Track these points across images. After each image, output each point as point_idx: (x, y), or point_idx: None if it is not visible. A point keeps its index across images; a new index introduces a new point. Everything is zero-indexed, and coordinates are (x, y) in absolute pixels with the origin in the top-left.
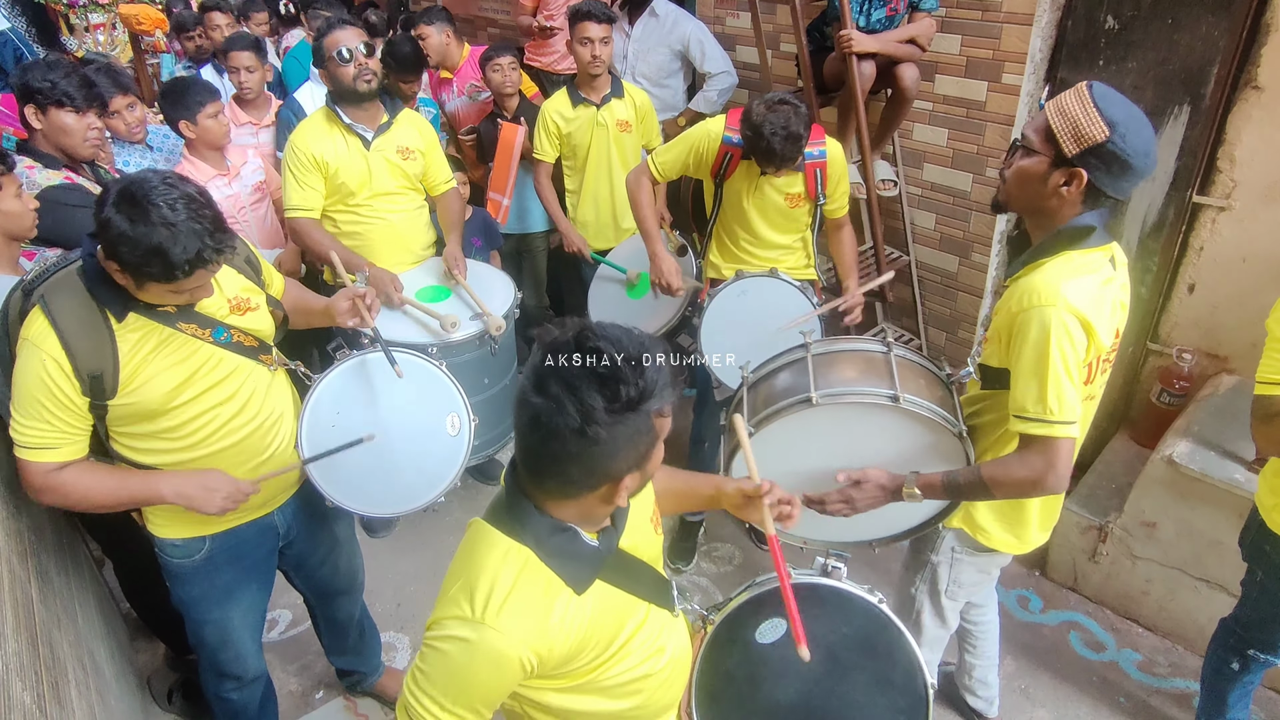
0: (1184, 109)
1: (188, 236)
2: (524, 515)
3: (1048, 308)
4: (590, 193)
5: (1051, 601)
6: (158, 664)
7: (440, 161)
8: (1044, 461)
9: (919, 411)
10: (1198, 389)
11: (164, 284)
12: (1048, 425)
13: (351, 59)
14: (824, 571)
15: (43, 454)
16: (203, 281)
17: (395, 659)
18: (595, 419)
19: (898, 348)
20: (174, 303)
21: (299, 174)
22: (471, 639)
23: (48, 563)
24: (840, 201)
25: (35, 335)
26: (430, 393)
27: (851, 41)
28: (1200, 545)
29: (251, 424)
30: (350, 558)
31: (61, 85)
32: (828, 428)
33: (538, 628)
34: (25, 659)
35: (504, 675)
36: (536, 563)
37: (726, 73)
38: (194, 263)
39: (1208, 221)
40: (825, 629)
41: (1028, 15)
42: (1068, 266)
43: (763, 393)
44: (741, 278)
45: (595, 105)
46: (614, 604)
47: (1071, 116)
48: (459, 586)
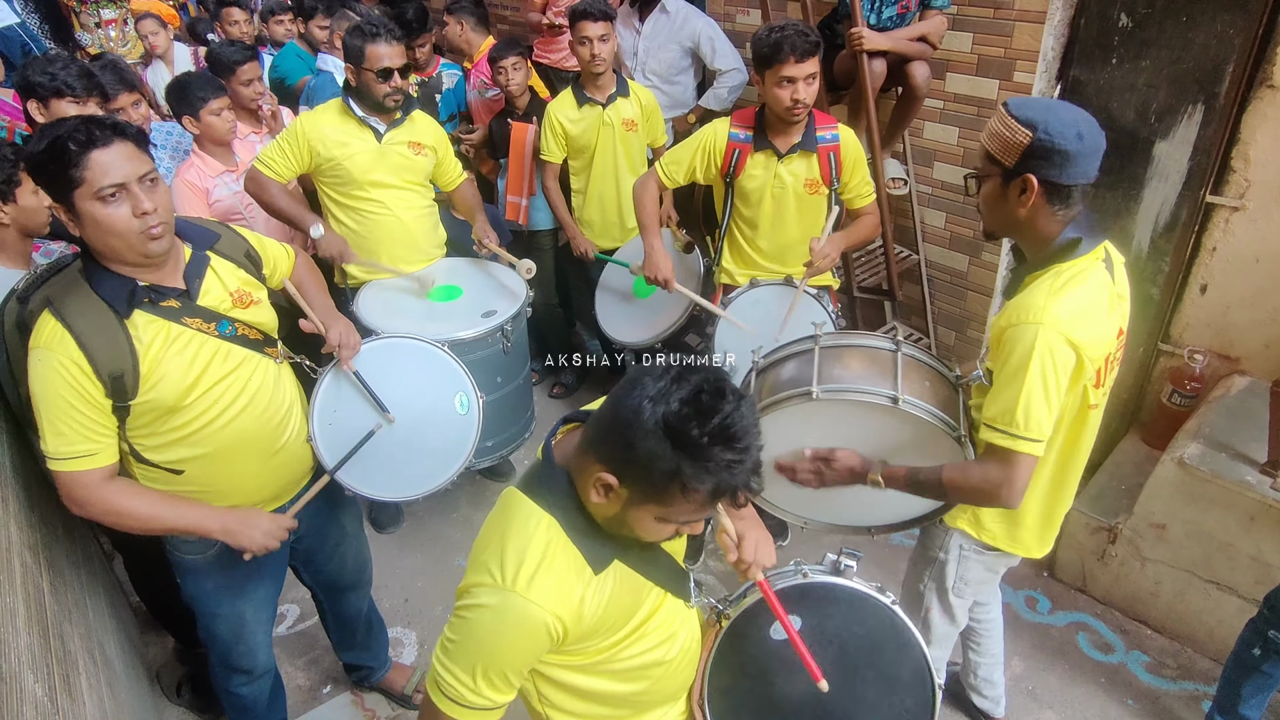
0: (1198, 108)
1: (79, 122)
2: (556, 487)
3: (1035, 325)
4: (596, 193)
5: (1060, 602)
6: (167, 657)
7: (452, 158)
8: (1002, 473)
9: (918, 414)
10: (1209, 390)
11: (75, 188)
12: (1013, 439)
13: (390, 78)
14: (835, 569)
15: (83, 462)
16: (118, 174)
17: (402, 654)
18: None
19: (906, 346)
20: (115, 225)
21: (286, 145)
22: (501, 605)
23: (59, 556)
24: (859, 190)
25: (48, 341)
26: (435, 375)
27: (862, 39)
28: (1211, 548)
29: (263, 416)
30: (359, 552)
31: (61, 76)
32: (827, 420)
33: (565, 598)
34: (37, 651)
35: (533, 642)
36: (563, 537)
37: (737, 70)
38: (86, 137)
39: (1221, 221)
40: (837, 627)
41: (1040, 13)
42: (1057, 281)
43: (769, 380)
44: (756, 285)
45: (601, 105)
46: (632, 586)
47: (997, 134)
48: (489, 553)
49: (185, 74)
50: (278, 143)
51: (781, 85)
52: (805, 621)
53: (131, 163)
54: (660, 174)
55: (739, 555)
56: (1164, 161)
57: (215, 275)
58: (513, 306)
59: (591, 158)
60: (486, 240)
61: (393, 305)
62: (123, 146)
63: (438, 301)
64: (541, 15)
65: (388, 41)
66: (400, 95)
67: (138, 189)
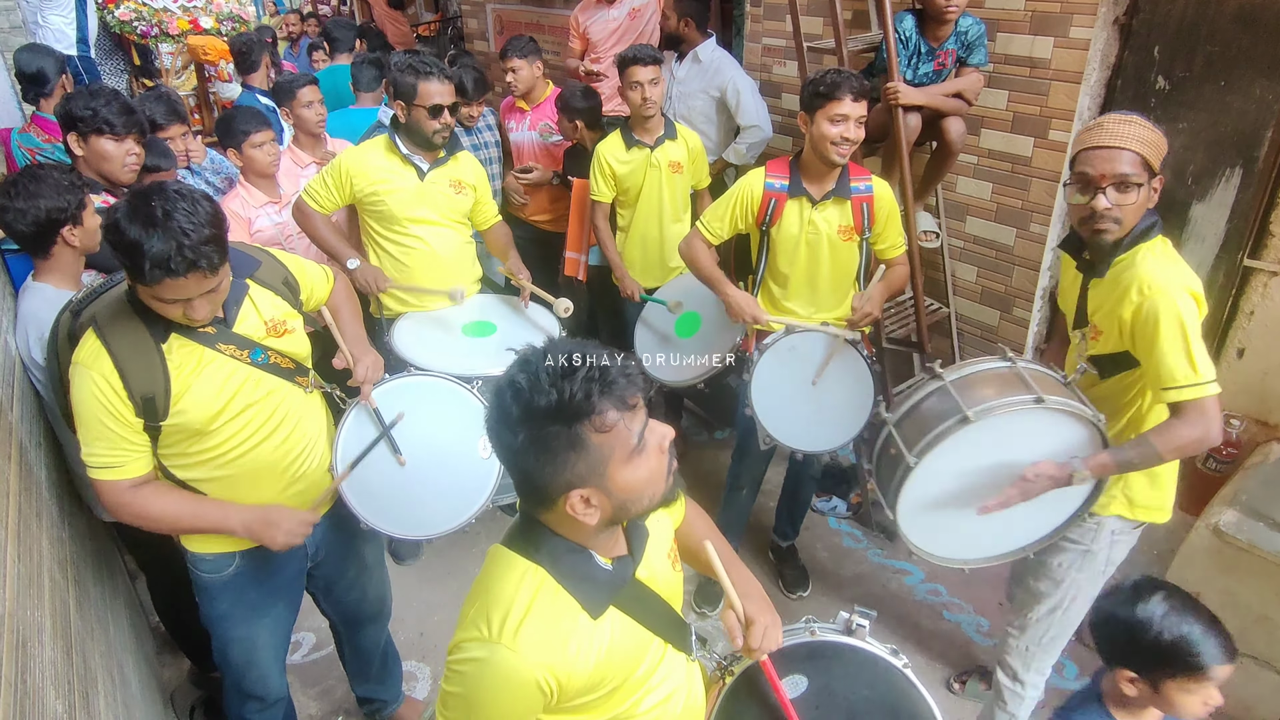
0: (1236, 171)
1: (165, 238)
2: (538, 536)
3: (1168, 291)
4: (639, 232)
5: (1087, 668)
6: (181, 680)
7: (489, 199)
8: (1202, 421)
9: (1062, 408)
10: (1246, 456)
11: (143, 286)
12: (1199, 387)
13: (440, 115)
14: (847, 629)
15: (110, 472)
16: (183, 294)
17: (415, 689)
18: (511, 427)
19: (1020, 360)
20: (171, 316)
21: (330, 178)
22: (487, 659)
23: (85, 573)
24: (892, 240)
25: (87, 358)
26: (462, 416)
27: (898, 94)
28: (1246, 620)
29: (285, 444)
30: (379, 585)
31: (102, 113)
32: (986, 439)
33: (556, 650)
34: (60, 667)
35: (524, 699)
36: (552, 584)
37: (758, 127)
38: (158, 263)
39: (1259, 285)
40: (845, 689)
41: (1077, 73)
42: (1155, 255)
43: (912, 426)
44: (792, 332)
45: (649, 147)
46: (631, 636)
47: (1154, 142)
48: (477, 609)
49: (232, 108)
50: (322, 176)
51: (834, 122)
52: (812, 682)
53: (199, 286)
54: (704, 232)
55: (745, 642)
56: (1201, 224)
57: (252, 303)
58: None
59: (637, 197)
60: (521, 277)
61: (427, 340)
62: (195, 280)
63: (471, 337)
64: (580, 62)
65: (440, 80)
66: (448, 132)
67: (198, 301)
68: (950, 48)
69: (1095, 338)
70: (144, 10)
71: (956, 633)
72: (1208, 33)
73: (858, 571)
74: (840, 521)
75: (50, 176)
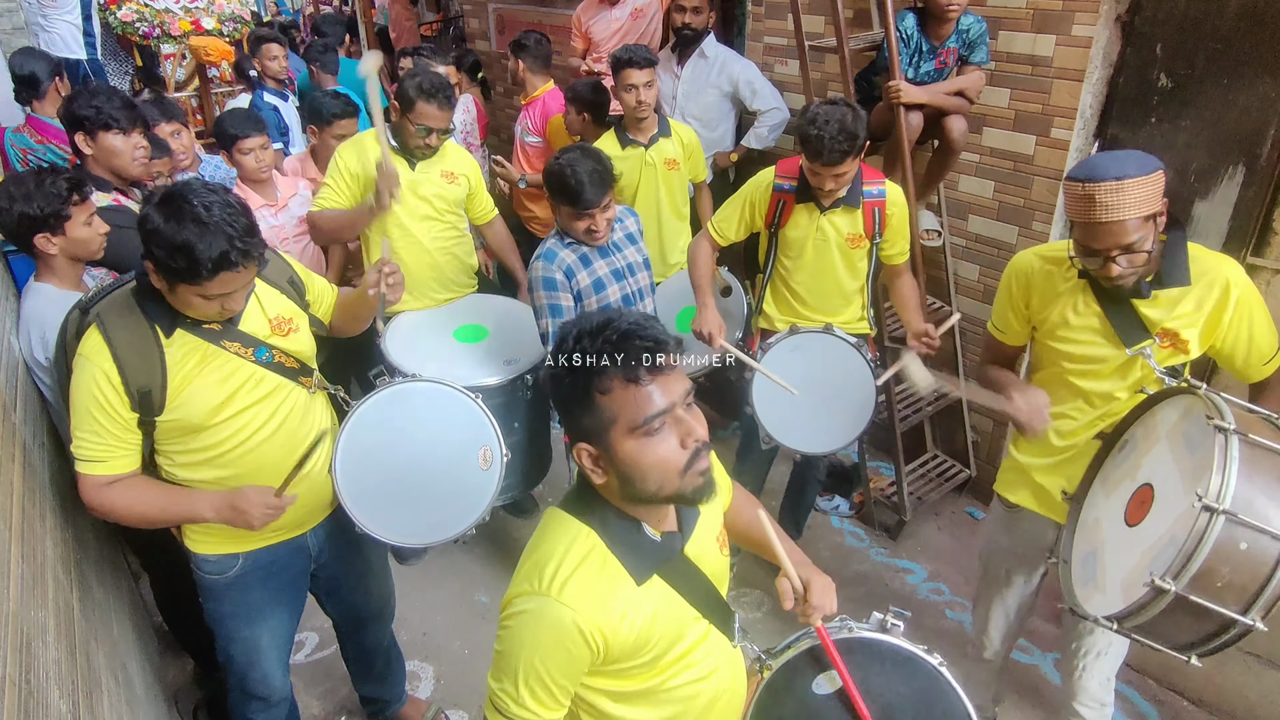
0: (1238, 169)
1: (215, 235)
2: (592, 502)
3: (1235, 272)
4: None
5: None
6: (185, 680)
7: (484, 192)
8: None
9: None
10: None
11: (190, 285)
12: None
13: (428, 136)
14: (882, 628)
15: (91, 466)
16: (231, 288)
17: (418, 688)
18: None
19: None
20: (204, 313)
21: (330, 180)
22: (537, 610)
23: (89, 573)
24: (900, 247)
25: (89, 350)
26: (465, 425)
27: (900, 92)
28: None
29: (287, 444)
30: (382, 585)
31: (106, 109)
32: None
33: (601, 608)
34: (64, 668)
35: (571, 648)
36: (602, 548)
37: (777, 109)
38: (218, 262)
39: (1262, 284)
40: (881, 685)
41: (1079, 71)
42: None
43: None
44: (796, 332)
45: (643, 146)
46: (674, 609)
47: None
48: (530, 565)
49: (227, 112)
50: (325, 182)
51: (815, 175)
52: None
53: (247, 277)
54: (713, 234)
55: (806, 599)
56: (1203, 222)
57: (257, 300)
58: (537, 352)
59: (633, 196)
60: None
61: (418, 345)
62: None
63: (462, 342)
64: (582, 61)
65: (440, 106)
66: (431, 153)
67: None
68: (952, 46)
69: (1171, 346)
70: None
71: (959, 631)
72: (1210, 30)
73: (860, 570)
74: (843, 521)
75: (40, 182)
